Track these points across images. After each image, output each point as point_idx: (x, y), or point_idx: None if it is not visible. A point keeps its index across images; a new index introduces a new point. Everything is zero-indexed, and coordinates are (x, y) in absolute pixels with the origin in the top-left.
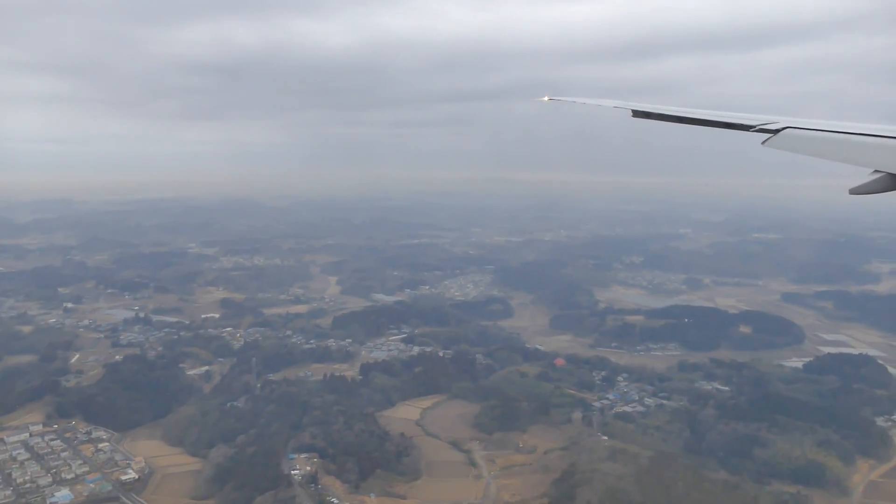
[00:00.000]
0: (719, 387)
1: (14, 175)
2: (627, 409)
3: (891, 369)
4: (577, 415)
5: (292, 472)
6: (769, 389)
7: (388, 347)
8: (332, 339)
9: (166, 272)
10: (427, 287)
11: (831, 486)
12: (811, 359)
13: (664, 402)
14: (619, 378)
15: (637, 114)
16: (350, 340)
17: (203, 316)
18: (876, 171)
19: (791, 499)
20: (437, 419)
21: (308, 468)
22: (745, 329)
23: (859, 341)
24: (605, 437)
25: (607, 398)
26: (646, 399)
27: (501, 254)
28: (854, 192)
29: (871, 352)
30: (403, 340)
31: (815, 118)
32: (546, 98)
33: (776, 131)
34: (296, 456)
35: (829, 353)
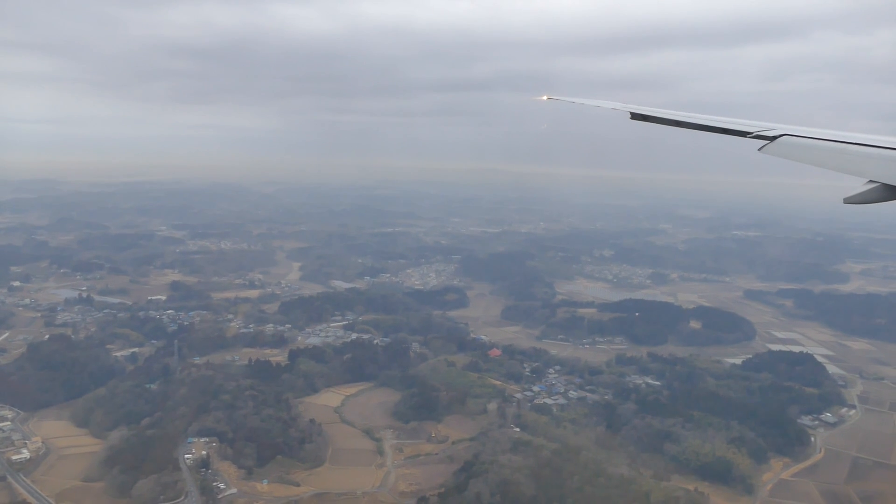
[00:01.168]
0: (651, 381)
1: (2, 154)
2: (549, 401)
3: (831, 368)
4: (493, 406)
5: (185, 455)
6: (697, 385)
7: (326, 334)
8: (271, 324)
9: (127, 254)
10: (388, 275)
11: (736, 484)
12: (751, 356)
13: (589, 395)
14: (551, 370)
15: (635, 116)
16: (289, 326)
17: (149, 298)
18: (871, 181)
19: (685, 495)
20: (358, 407)
21: (204, 452)
22: (695, 325)
23: (811, 340)
24: (518, 429)
25: (532, 390)
26: (570, 392)
27: (472, 244)
28: (848, 201)
29: (820, 350)
30: (344, 327)
31: (811, 123)
32: (545, 97)
33: (773, 138)
34: (194, 440)
35: (769, 351)
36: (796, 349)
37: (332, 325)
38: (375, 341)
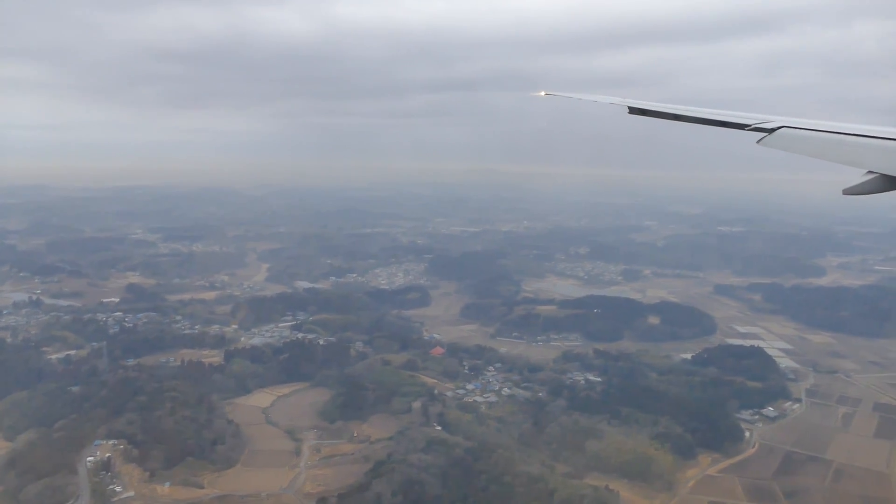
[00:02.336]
0: (592, 378)
1: None
2: (479, 399)
3: (786, 362)
4: (418, 405)
5: (88, 458)
6: (636, 381)
7: (271, 334)
8: (217, 326)
9: (94, 257)
10: (355, 275)
11: (655, 481)
12: (701, 350)
13: (523, 392)
14: (491, 368)
15: (633, 111)
16: (236, 327)
17: (102, 300)
18: (870, 171)
19: (593, 493)
20: (288, 407)
21: (108, 455)
22: (654, 320)
23: (772, 334)
24: (439, 428)
25: (465, 388)
26: (504, 390)
27: (449, 243)
28: (847, 192)
29: (779, 344)
30: (292, 327)
31: (810, 117)
32: (542, 93)
33: (771, 130)
34: (102, 442)
35: (719, 346)
36: (755, 343)
37: (280, 325)
38: (320, 341)
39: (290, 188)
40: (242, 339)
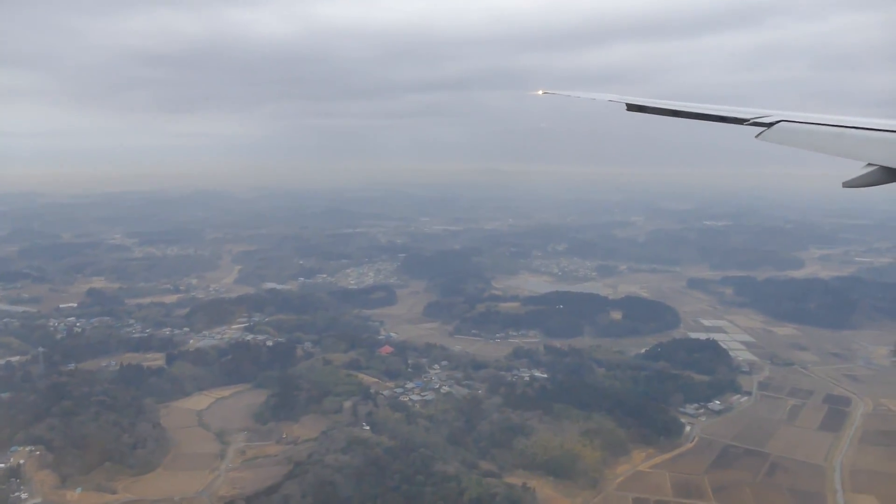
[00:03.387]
0: (539, 374)
1: None
2: (416, 397)
3: (744, 355)
4: (349, 404)
5: None
6: (582, 377)
7: (221, 336)
8: (168, 328)
9: (63, 262)
10: (325, 275)
11: (579, 478)
12: (656, 345)
13: (463, 390)
14: (437, 366)
15: (631, 107)
16: (187, 329)
17: (59, 306)
18: (869, 164)
19: (507, 491)
20: (224, 409)
21: (21, 461)
22: (617, 315)
23: (737, 327)
24: (367, 428)
25: (404, 387)
26: (444, 388)
27: (427, 242)
28: (847, 185)
29: (742, 337)
30: (245, 329)
31: (811, 111)
32: (540, 92)
33: (770, 125)
34: (18, 448)
35: (674, 340)
36: (718, 337)
37: (233, 327)
38: (269, 342)
39: (284, 191)
40: (192, 341)
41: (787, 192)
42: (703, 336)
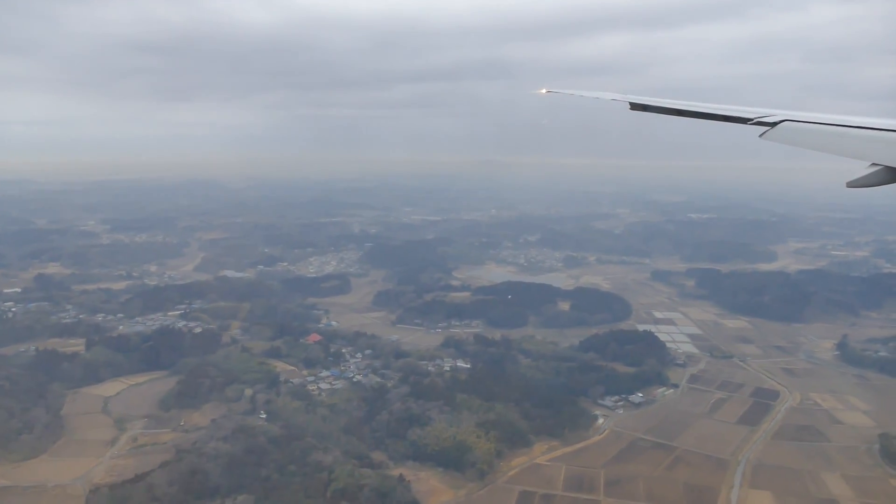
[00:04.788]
0: (461, 365)
1: None
2: (325, 386)
3: (686, 347)
4: (250, 392)
5: None
6: (504, 368)
7: (153, 322)
8: (102, 314)
9: (26, 248)
10: (286, 263)
11: (468, 469)
12: (589, 336)
13: (377, 379)
14: (359, 355)
15: (635, 106)
16: (122, 315)
17: (4, 290)
18: (874, 164)
19: (380, 482)
20: (133, 396)
21: None
22: (566, 307)
23: (689, 319)
24: (264, 416)
25: (318, 375)
26: (357, 377)
27: (400, 232)
28: (851, 185)
29: (690, 329)
30: (181, 315)
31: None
32: (544, 90)
33: (774, 124)
34: None
35: (611, 331)
36: (665, 329)
37: (169, 313)
38: (197, 329)
39: (277, 180)
40: (121, 327)
41: (790, 187)
42: (651, 328)
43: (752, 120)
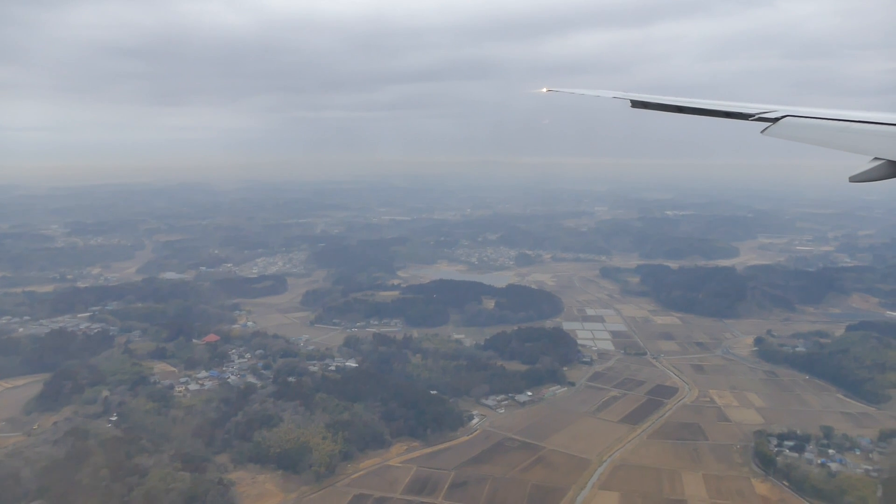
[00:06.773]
0: (350, 364)
1: None
2: (193, 387)
3: (601, 345)
4: (106, 394)
5: None
6: (389, 367)
7: (57, 324)
8: (7, 317)
9: None
10: (230, 265)
11: (306, 471)
12: (495, 334)
13: (252, 380)
14: (248, 355)
15: (635, 104)
16: (28, 318)
17: None
18: (876, 158)
19: (192, 485)
20: (3, 399)
21: None
22: (489, 305)
23: (620, 316)
24: (114, 418)
25: (196, 376)
26: (232, 377)
27: (361, 232)
28: (854, 179)
29: (616, 326)
30: (89, 317)
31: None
32: (545, 90)
33: (775, 120)
34: None
35: (520, 328)
36: (591, 326)
37: (78, 315)
38: (94, 331)
39: (269, 183)
40: (21, 329)
41: (785, 184)
42: (577, 325)
43: (753, 116)
